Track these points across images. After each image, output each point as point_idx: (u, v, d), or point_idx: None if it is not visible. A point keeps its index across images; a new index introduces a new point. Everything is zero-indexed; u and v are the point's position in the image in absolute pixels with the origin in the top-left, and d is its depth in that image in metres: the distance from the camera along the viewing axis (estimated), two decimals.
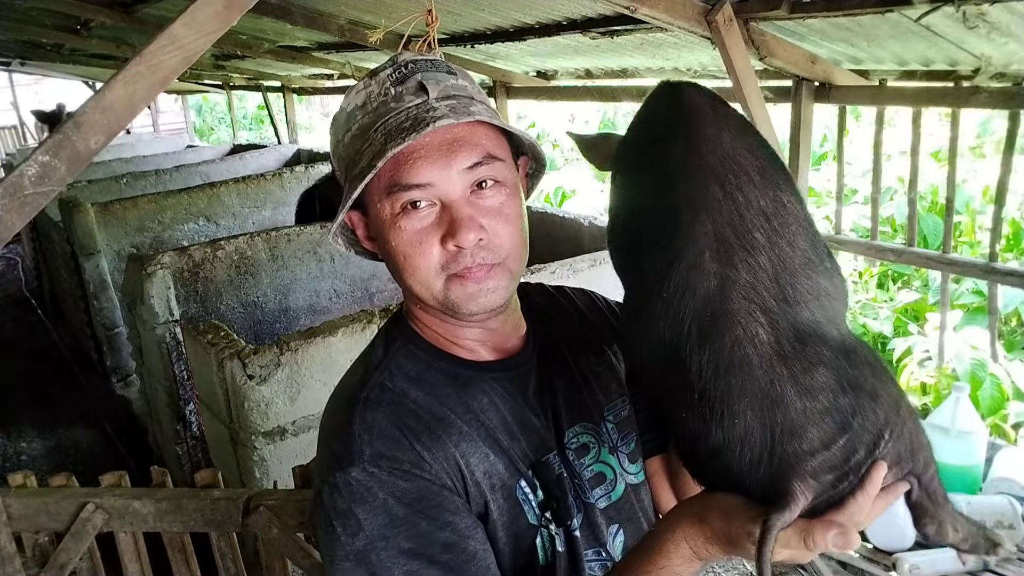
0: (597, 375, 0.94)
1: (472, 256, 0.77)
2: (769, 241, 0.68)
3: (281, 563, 1.65)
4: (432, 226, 0.77)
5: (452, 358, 0.85)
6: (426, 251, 0.78)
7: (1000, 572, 2.01)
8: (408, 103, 0.77)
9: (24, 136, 11.38)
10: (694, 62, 2.78)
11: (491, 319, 0.84)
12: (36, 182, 1.14)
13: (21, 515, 1.59)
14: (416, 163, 0.75)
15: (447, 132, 0.76)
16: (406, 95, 0.78)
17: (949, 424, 2.27)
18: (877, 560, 2.10)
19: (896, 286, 4.93)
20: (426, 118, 0.75)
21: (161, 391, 2.88)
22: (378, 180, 0.77)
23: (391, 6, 2.77)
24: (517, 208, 0.81)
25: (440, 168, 0.76)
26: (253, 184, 4.55)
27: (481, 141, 0.78)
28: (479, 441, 0.80)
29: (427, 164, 0.75)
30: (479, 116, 0.76)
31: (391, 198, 0.77)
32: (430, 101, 0.77)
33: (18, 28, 4.77)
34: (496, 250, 0.79)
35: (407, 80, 0.79)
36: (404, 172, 0.76)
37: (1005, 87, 2.08)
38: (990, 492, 2.24)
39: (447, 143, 0.76)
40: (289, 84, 6.22)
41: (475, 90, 0.83)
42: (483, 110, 0.79)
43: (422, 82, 0.78)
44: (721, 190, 0.69)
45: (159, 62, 1.18)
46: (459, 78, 0.82)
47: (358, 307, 3.32)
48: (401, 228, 0.78)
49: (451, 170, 0.76)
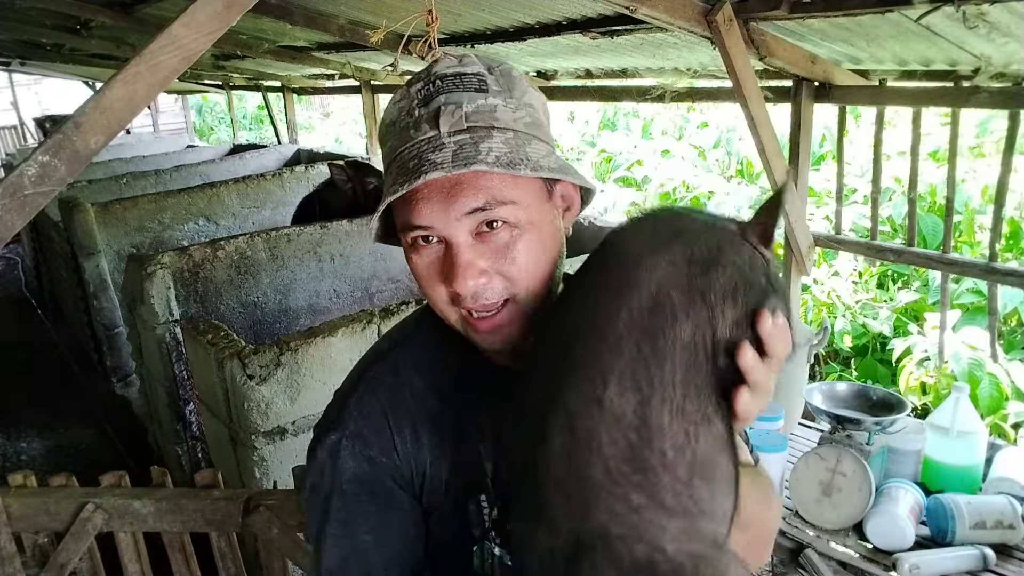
0: None
1: (474, 299, 0.76)
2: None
3: (281, 563, 1.65)
4: (437, 262, 0.78)
5: (469, 358, 0.84)
6: (435, 286, 0.79)
7: (1000, 572, 2.01)
8: (422, 135, 0.75)
9: (24, 136, 11.37)
10: (694, 62, 2.78)
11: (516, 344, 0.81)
12: (36, 182, 1.14)
13: (21, 515, 1.59)
14: (418, 205, 0.75)
15: (448, 176, 0.73)
16: (423, 123, 0.76)
17: (949, 424, 2.27)
18: (877, 560, 2.10)
19: (896, 286, 4.93)
20: (426, 161, 0.73)
21: (161, 391, 2.88)
22: (396, 207, 0.79)
23: (391, 6, 2.77)
24: (532, 242, 0.77)
25: (439, 213, 0.74)
26: (253, 184, 4.55)
27: (486, 184, 0.74)
28: (458, 447, 0.83)
29: (428, 207, 0.75)
30: (476, 165, 0.71)
31: (404, 232, 0.79)
32: (440, 137, 0.74)
33: (18, 28, 4.76)
34: (505, 288, 0.77)
35: (431, 102, 0.76)
36: (409, 212, 0.76)
37: (1005, 87, 2.08)
38: (990, 492, 2.24)
39: (448, 187, 0.74)
40: (289, 84, 6.22)
41: (510, 106, 0.78)
42: (499, 146, 0.74)
43: (439, 109, 0.75)
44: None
45: (159, 62, 1.18)
46: (489, 96, 0.77)
47: (358, 307, 3.32)
48: (414, 261, 0.80)
49: (449, 216, 0.74)
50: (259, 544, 1.62)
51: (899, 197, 4.97)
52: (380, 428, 0.83)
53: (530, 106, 0.81)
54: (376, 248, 3.40)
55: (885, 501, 2.19)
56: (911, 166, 2.53)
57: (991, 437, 2.50)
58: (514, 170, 0.73)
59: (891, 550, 2.11)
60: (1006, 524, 2.08)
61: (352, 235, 3.32)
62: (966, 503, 2.11)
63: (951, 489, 2.25)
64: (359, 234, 3.34)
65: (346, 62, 4.50)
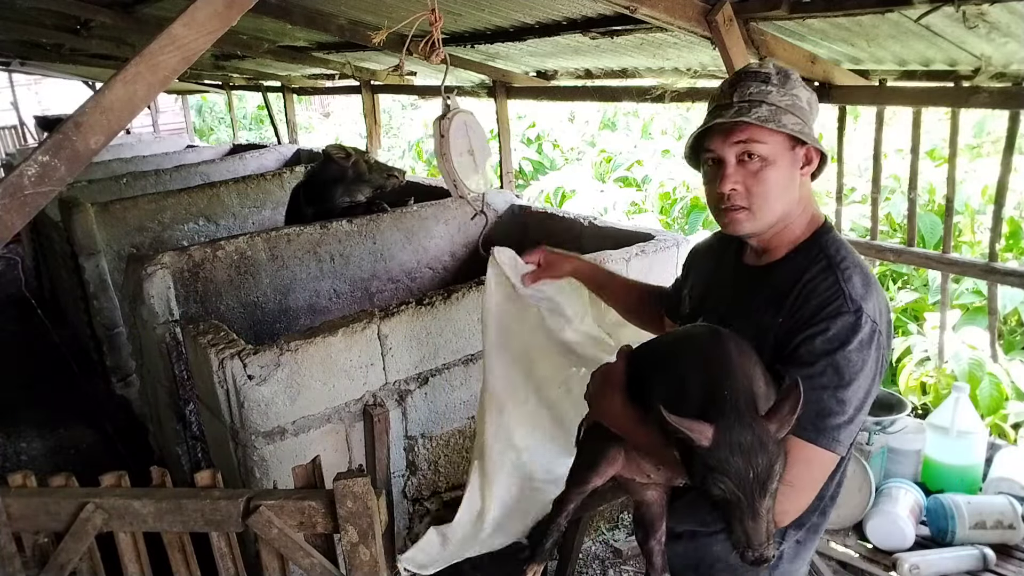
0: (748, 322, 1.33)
1: (729, 199, 1.27)
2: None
3: (281, 563, 1.65)
4: (713, 176, 1.30)
5: (727, 250, 1.47)
6: (711, 190, 1.31)
7: (1000, 572, 2.01)
8: (723, 101, 1.27)
9: (24, 136, 11.37)
10: (694, 62, 2.78)
11: (748, 239, 1.36)
12: (36, 182, 1.14)
13: (21, 515, 1.59)
14: (712, 137, 1.28)
15: (728, 121, 1.23)
16: (727, 95, 1.27)
17: (949, 424, 2.27)
18: (877, 560, 2.10)
19: (896, 286, 4.93)
20: (720, 115, 1.25)
21: (161, 391, 2.87)
22: (702, 138, 1.31)
23: (391, 6, 2.77)
24: (773, 173, 1.25)
25: (720, 142, 1.27)
26: (253, 184, 4.55)
27: (749, 131, 1.23)
28: (701, 268, 1.57)
29: (715, 139, 1.27)
30: (745, 117, 1.21)
31: (703, 153, 1.32)
32: (732, 103, 1.25)
33: (18, 28, 4.76)
34: (746, 199, 1.26)
35: (735, 84, 1.28)
36: (707, 141, 1.29)
37: (1005, 87, 2.08)
38: (990, 492, 2.24)
39: (727, 130, 1.25)
40: (289, 84, 6.22)
41: (780, 94, 1.25)
42: (764, 112, 1.22)
43: (737, 88, 1.26)
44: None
45: (159, 62, 1.18)
46: (770, 84, 1.25)
47: (358, 307, 3.32)
48: (704, 172, 1.34)
49: (725, 145, 1.26)
50: (259, 544, 1.62)
51: (897, 196, 4.97)
52: (695, 249, 1.65)
53: (795, 95, 1.27)
54: (376, 248, 3.41)
55: (885, 501, 2.19)
56: (911, 166, 2.53)
57: (991, 437, 2.50)
58: (765, 124, 1.22)
59: (891, 550, 2.11)
60: (1006, 524, 2.08)
61: (352, 235, 3.32)
62: (966, 503, 2.11)
63: (951, 489, 2.25)
64: (359, 234, 3.34)
65: (346, 62, 4.50)
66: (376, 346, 2.24)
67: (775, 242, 1.33)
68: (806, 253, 1.30)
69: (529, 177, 8.34)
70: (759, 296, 1.31)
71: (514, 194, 3.94)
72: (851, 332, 1.17)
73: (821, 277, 1.23)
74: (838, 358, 1.16)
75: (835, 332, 1.17)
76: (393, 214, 3.44)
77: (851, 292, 1.20)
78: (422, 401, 2.38)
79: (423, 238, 3.55)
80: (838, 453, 1.19)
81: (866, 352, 1.18)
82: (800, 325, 1.21)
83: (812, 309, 1.21)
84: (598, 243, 3.03)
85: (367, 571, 1.56)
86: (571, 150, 8.93)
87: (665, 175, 6.90)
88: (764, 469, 1.03)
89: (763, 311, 1.28)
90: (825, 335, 1.18)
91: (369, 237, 3.38)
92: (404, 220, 3.47)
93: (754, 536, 1.04)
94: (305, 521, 1.56)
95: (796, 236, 1.32)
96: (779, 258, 1.33)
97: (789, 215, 1.30)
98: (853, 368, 1.17)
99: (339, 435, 2.23)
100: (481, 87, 4.06)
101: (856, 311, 1.18)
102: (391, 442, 2.23)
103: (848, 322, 1.17)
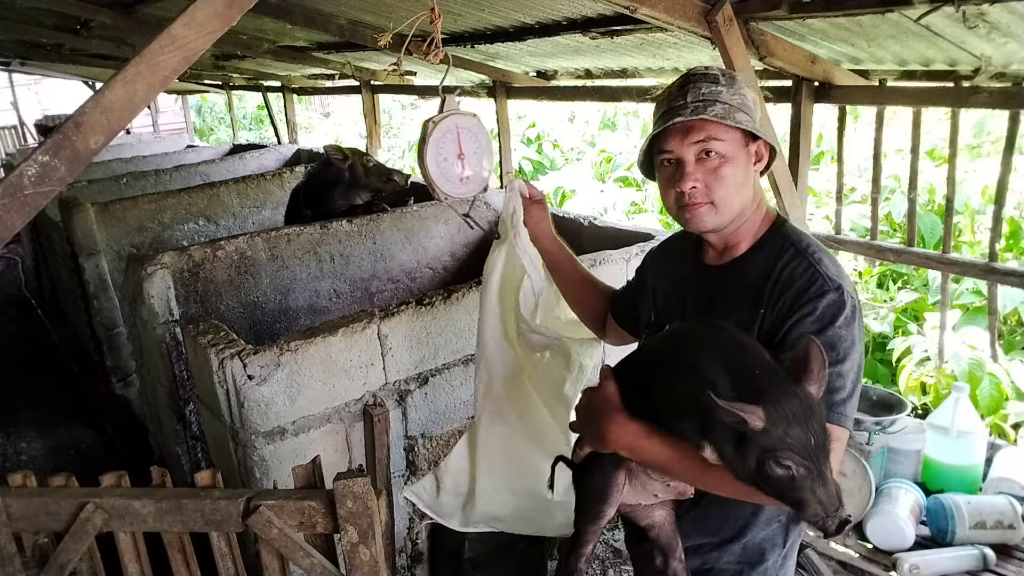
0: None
1: (689, 196, 1.29)
2: None
3: (281, 563, 1.65)
4: (672, 176, 1.31)
5: (685, 252, 1.48)
6: (669, 190, 1.33)
7: (1000, 572, 2.01)
8: (675, 103, 1.29)
9: (24, 136, 11.37)
10: (694, 62, 2.78)
11: (707, 235, 1.37)
12: (36, 182, 1.14)
13: (21, 515, 1.59)
14: (668, 137, 1.30)
15: (684, 123, 1.26)
16: (678, 97, 1.29)
17: (949, 424, 2.27)
18: (877, 560, 2.10)
19: (896, 286, 4.93)
20: (676, 115, 1.26)
21: (161, 391, 2.87)
22: (655, 141, 1.33)
23: (391, 6, 2.77)
24: (731, 170, 1.28)
25: (678, 142, 1.28)
26: (253, 184, 4.55)
27: (707, 128, 1.26)
28: (658, 277, 1.54)
29: (672, 139, 1.29)
30: (703, 115, 1.24)
31: (658, 155, 1.33)
32: (686, 103, 1.27)
33: (18, 28, 4.76)
34: (707, 195, 1.28)
35: (685, 86, 1.30)
36: (663, 142, 1.31)
37: (1005, 87, 2.08)
38: (990, 492, 2.24)
39: (685, 129, 1.27)
40: (289, 84, 6.22)
41: (730, 93, 1.28)
42: (719, 110, 1.25)
43: (688, 89, 1.28)
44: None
45: (159, 62, 1.18)
46: (719, 85, 1.28)
47: (358, 307, 3.32)
48: (660, 175, 1.36)
49: (683, 145, 1.28)
50: (259, 544, 1.62)
51: (897, 196, 4.97)
52: (650, 255, 1.62)
53: (743, 95, 1.30)
54: (376, 248, 3.41)
55: (885, 501, 2.19)
56: (911, 166, 2.53)
57: (991, 437, 2.50)
58: (723, 121, 1.25)
59: (891, 550, 2.11)
60: (1006, 524, 2.08)
61: (352, 235, 3.32)
62: (966, 503, 2.11)
63: (951, 489, 2.25)
64: (359, 234, 3.34)
65: (346, 62, 4.50)
66: (376, 346, 2.24)
67: (736, 238, 1.36)
68: (770, 245, 1.34)
69: (529, 177, 8.34)
70: (732, 293, 1.33)
71: None
72: (837, 309, 1.21)
73: (794, 264, 1.27)
74: (830, 335, 1.20)
75: (822, 311, 1.21)
76: (393, 214, 3.44)
77: (827, 273, 1.24)
78: (422, 401, 2.38)
79: (423, 238, 3.55)
80: (848, 428, 1.22)
81: (853, 327, 1.22)
82: (786, 312, 1.24)
83: (794, 295, 1.24)
84: (598, 243, 3.03)
85: (367, 571, 1.56)
86: (571, 150, 8.93)
87: None
88: (819, 432, 1.04)
89: (740, 307, 1.30)
90: (813, 315, 1.21)
91: (369, 237, 3.38)
92: (404, 220, 3.47)
93: (829, 502, 1.03)
94: (305, 521, 1.56)
95: (754, 230, 1.36)
96: (742, 253, 1.36)
97: (746, 210, 1.33)
98: (845, 344, 1.21)
99: (339, 435, 2.23)
100: (481, 87, 4.06)
101: (837, 289, 1.22)
102: (391, 442, 2.23)
103: (832, 300, 1.21)
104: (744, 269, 1.34)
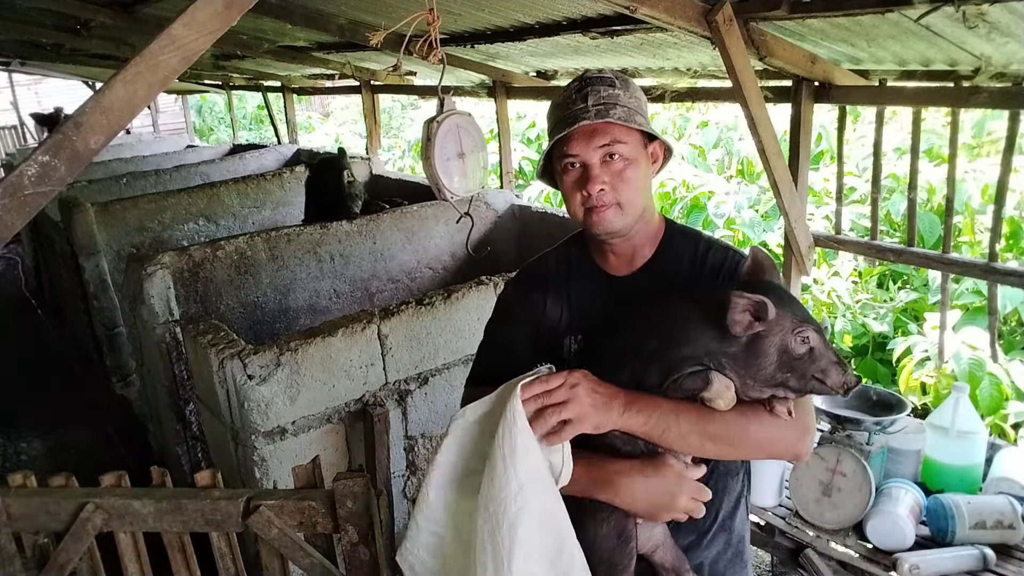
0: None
1: (597, 198, 1.28)
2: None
3: (281, 563, 1.65)
4: (577, 179, 1.30)
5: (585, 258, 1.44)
6: (575, 194, 1.31)
7: (1000, 572, 2.01)
8: (577, 106, 1.27)
9: (24, 136, 11.36)
10: (694, 62, 2.78)
11: (612, 239, 1.35)
12: (36, 182, 1.14)
13: (21, 515, 1.59)
14: (571, 142, 1.28)
15: (589, 126, 1.26)
16: (578, 100, 1.28)
17: (949, 424, 2.27)
18: (877, 560, 2.10)
19: (896, 286, 4.93)
20: (579, 119, 1.25)
21: (161, 391, 2.88)
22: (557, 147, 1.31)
23: (391, 6, 2.77)
24: (635, 172, 1.29)
25: (583, 146, 1.28)
26: (253, 184, 4.55)
27: (611, 131, 1.27)
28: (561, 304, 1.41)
29: (577, 144, 1.28)
30: (608, 118, 1.25)
31: (560, 160, 1.31)
32: (588, 106, 1.26)
33: (18, 28, 4.76)
34: (615, 197, 1.28)
35: (583, 89, 1.29)
36: (566, 147, 1.29)
37: (1005, 87, 2.08)
38: (990, 492, 2.24)
39: (589, 132, 1.27)
40: (289, 84, 6.22)
41: (627, 97, 1.29)
42: (621, 112, 1.26)
43: (587, 93, 1.28)
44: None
45: (159, 62, 1.18)
46: (616, 88, 1.29)
47: (358, 307, 3.32)
48: (565, 180, 1.32)
49: (589, 148, 1.27)
50: (259, 544, 1.62)
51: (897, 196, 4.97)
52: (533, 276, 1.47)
53: (638, 97, 1.33)
54: (376, 248, 3.41)
55: (885, 501, 2.19)
56: (911, 166, 2.52)
57: (991, 437, 2.49)
58: (627, 123, 1.26)
59: (891, 550, 2.11)
60: (1006, 524, 2.08)
61: (352, 235, 3.32)
62: (966, 503, 2.11)
63: (951, 489, 2.24)
64: (359, 234, 3.35)
65: (346, 62, 4.50)
66: (376, 346, 2.24)
67: (639, 240, 1.38)
68: (677, 242, 1.40)
69: (529, 177, 8.33)
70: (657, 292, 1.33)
71: (514, 194, 3.94)
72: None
73: (703, 250, 1.37)
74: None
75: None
76: (393, 214, 3.44)
77: (731, 247, 1.38)
78: (422, 401, 2.38)
79: (423, 238, 3.55)
80: None
81: None
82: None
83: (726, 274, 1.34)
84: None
85: (367, 571, 1.56)
86: None
87: (665, 175, 6.90)
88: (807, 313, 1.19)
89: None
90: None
91: (369, 237, 3.38)
92: (404, 220, 3.48)
93: (846, 366, 1.14)
94: (305, 521, 1.56)
95: (655, 231, 1.40)
96: (652, 256, 1.39)
97: (647, 210, 1.36)
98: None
99: (339, 435, 2.23)
100: (481, 87, 4.06)
101: (743, 256, 1.33)
102: (391, 442, 2.23)
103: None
104: (660, 269, 1.37)
